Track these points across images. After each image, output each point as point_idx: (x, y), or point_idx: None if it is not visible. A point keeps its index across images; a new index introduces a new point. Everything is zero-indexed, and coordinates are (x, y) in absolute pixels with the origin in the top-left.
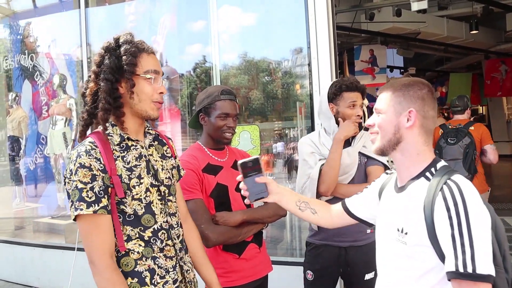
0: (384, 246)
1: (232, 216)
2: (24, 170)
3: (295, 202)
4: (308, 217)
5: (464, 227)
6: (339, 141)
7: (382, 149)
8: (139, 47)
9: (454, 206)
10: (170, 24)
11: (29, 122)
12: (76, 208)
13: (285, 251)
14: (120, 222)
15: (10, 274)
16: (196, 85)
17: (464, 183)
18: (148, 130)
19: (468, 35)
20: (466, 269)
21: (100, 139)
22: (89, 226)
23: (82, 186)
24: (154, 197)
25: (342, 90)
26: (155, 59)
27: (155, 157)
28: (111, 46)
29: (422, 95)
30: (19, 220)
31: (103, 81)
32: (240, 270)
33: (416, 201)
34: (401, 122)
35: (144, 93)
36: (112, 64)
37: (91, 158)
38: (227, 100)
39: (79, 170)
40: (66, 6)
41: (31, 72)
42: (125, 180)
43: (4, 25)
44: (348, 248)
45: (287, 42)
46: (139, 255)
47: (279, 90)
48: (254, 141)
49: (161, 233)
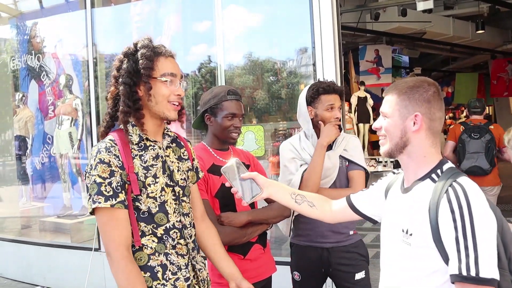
0: (388, 246)
1: (237, 216)
2: (30, 169)
3: (290, 194)
4: (306, 210)
5: (468, 230)
6: (323, 146)
7: (390, 152)
8: (155, 51)
9: (459, 209)
10: (175, 25)
11: (35, 122)
12: (94, 201)
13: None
14: (135, 218)
15: (16, 273)
16: (201, 85)
17: (469, 186)
18: (167, 132)
19: (474, 35)
20: (470, 272)
21: (120, 138)
22: (107, 219)
23: (101, 180)
24: (168, 197)
25: (319, 93)
26: (173, 62)
27: (172, 158)
28: (130, 51)
29: (428, 97)
30: (25, 219)
31: (122, 85)
32: (245, 271)
33: (421, 203)
34: (407, 126)
35: (160, 95)
36: (130, 68)
37: (110, 154)
38: (234, 100)
39: (99, 165)
40: (72, 6)
41: (37, 72)
42: (141, 178)
43: (11, 25)
44: (331, 249)
45: (292, 42)
46: (152, 251)
47: (284, 90)
48: (259, 142)
49: (173, 231)
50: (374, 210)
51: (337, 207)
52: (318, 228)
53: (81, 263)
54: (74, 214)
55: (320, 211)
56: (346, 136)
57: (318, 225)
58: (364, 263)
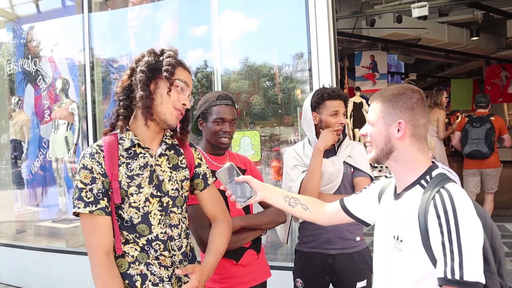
0: (381, 252)
1: None
2: (26, 173)
3: (284, 197)
4: (300, 213)
5: (453, 234)
6: (319, 151)
7: (376, 158)
8: (178, 60)
9: (444, 214)
10: (172, 30)
11: (31, 126)
12: (74, 205)
13: (285, 256)
14: (119, 225)
15: (11, 278)
16: (197, 90)
17: (456, 192)
18: (165, 140)
19: (469, 41)
20: (454, 275)
21: (109, 144)
22: (88, 225)
23: (82, 186)
24: (153, 208)
25: (324, 99)
26: (189, 75)
27: (164, 167)
28: (154, 52)
29: (412, 104)
30: (21, 224)
31: (140, 72)
32: (237, 276)
33: (411, 209)
34: (391, 133)
35: (169, 96)
36: (150, 62)
37: (93, 161)
38: (223, 105)
39: (81, 171)
40: (69, 11)
41: (34, 76)
42: (124, 187)
43: (7, 29)
44: (336, 255)
45: (288, 47)
46: (133, 259)
47: (280, 95)
48: (255, 147)
49: (155, 243)
50: (367, 213)
51: (331, 209)
52: (325, 234)
53: (77, 268)
54: (70, 218)
55: (314, 214)
56: (351, 143)
57: (325, 231)
58: (368, 271)
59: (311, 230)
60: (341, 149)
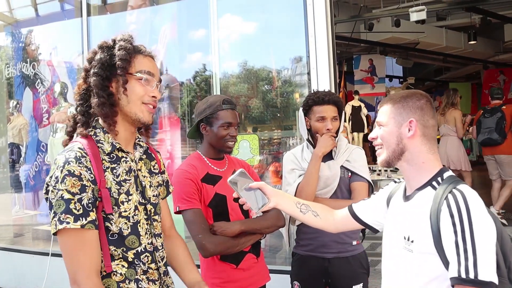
0: (390, 254)
1: (230, 226)
2: (24, 177)
3: (295, 204)
4: (310, 220)
5: (467, 233)
6: (317, 157)
7: (387, 160)
8: (135, 47)
9: (458, 213)
10: (171, 33)
11: (29, 130)
12: (61, 221)
13: (283, 260)
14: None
15: (8, 282)
16: (196, 93)
17: (469, 192)
18: (138, 142)
19: (467, 45)
20: (468, 275)
21: (90, 146)
22: (75, 242)
23: (70, 196)
24: (141, 217)
25: (310, 104)
26: (152, 62)
27: (144, 172)
28: (106, 45)
29: (421, 105)
30: (18, 227)
31: (94, 76)
32: (237, 280)
33: (422, 210)
34: (402, 132)
35: (134, 93)
36: (104, 59)
37: (81, 166)
38: (229, 109)
39: (67, 179)
40: (68, 14)
41: (32, 80)
42: (114, 195)
43: (6, 33)
44: (332, 259)
45: (286, 51)
46: (122, 277)
47: (279, 99)
48: (254, 150)
49: (144, 255)
50: (376, 219)
51: (339, 216)
52: (321, 237)
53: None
54: None
55: (324, 221)
56: (350, 147)
57: (321, 234)
58: (364, 275)
59: (308, 234)
60: (339, 153)
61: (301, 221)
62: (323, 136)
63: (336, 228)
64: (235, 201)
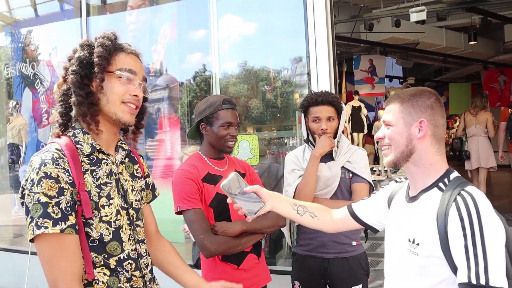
0: (393, 256)
1: (232, 226)
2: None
3: (292, 206)
4: (308, 221)
5: (478, 238)
6: (315, 158)
7: (395, 161)
8: (117, 45)
9: (468, 217)
10: (171, 33)
11: (29, 130)
12: (38, 226)
13: (283, 260)
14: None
15: (8, 282)
16: (196, 93)
17: (478, 195)
18: (121, 145)
19: (467, 45)
20: (479, 280)
21: (68, 147)
22: (54, 248)
23: (47, 200)
24: (124, 222)
25: (305, 106)
26: (135, 60)
27: (125, 176)
28: (87, 42)
29: (431, 104)
30: (18, 228)
31: (72, 74)
32: (239, 281)
33: (428, 212)
34: (412, 133)
35: (113, 92)
36: (83, 57)
37: (58, 168)
38: (229, 109)
39: (44, 181)
40: (68, 14)
41: (31, 80)
42: (94, 198)
43: (5, 33)
44: (332, 260)
45: (286, 51)
46: (104, 286)
47: (279, 99)
48: (253, 150)
49: (127, 263)
50: (376, 219)
51: (338, 216)
52: (320, 238)
53: None
54: None
55: (322, 222)
56: (352, 148)
57: (320, 234)
58: (364, 276)
59: (307, 233)
60: (340, 154)
61: (299, 223)
62: (321, 137)
63: (334, 229)
64: None
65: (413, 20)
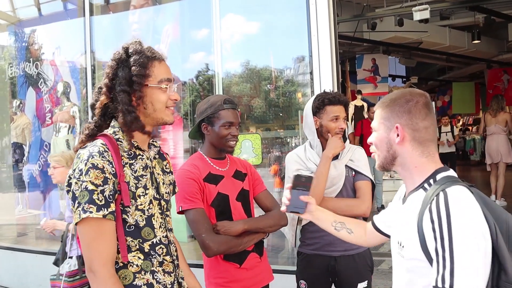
0: (393, 259)
1: (234, 225)
2: (27, 176)
3: (331, 222)
4: (344, 236)
5: (446, 240)
6: (328, 158)
7: (382, 166)
8: (149, 56)
9: (438, 219)
10: (173, 33)
11: (32, 129)
12: (84, 210)
13: (286, 260)
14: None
15: (11, 281)
16: (198, 93)
17: (454, 195)
18: (152, 142)
19: (470, 44)
20: (444, 284)
21: (111, 143)
22: (95, 232)
23: (93, 187)
24: (155, 210)
25: (325, 104)
26: (166, 66)
27: (158, 170)
28: (123, 58)
29: (409, 108)
30: (22, 227)
31: (121, 93)
32: (241, 280)
33: (412, 213)
34: (391, 138)
35: (159, 102)
36: (126, 75)
37: (104, 160)
38: (230, 109)
39: (91, 171)
40: (71, 14)
41: (35, 79)
42: (132, 188)
43: (9, 32)
44: (339, 257)
45: (289, 51)
46: (138, 268)
47: (281, 98)
48: (256, 150)
49: (159, 247)
50: None
51: (368, 230)
52: (327, 236)
53: None
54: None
55: (358, 237)
56: (352, 147)
57: (327, 233)
58: (369, 272)
59: (314, 232)
60: (343, 153)
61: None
62: (333, 138)
63: (368, 243)
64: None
65: (416, 19)
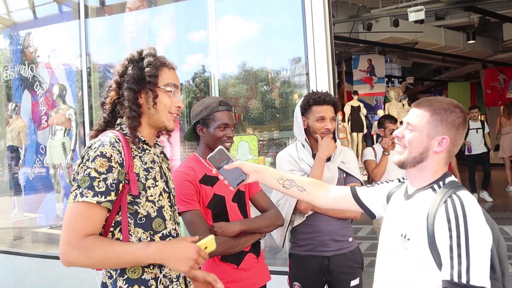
0: (386, 249)
1: (230, 226)
2: (23, 180)
3: (277, 179)
4: (295, 194)
5: (462, 239)
6: (322, 160)
7: (404, 163)
8: (161, 61)
9: (455, 219)
10: (170, 35)
11: (28, 132)
12: (82, 194)
13: (283, 261)
14: (132, 223)
15: (8, 285)
16: (195, 94)
17: (467, 199)
18: (156, 142)
19: (466, 44)
20: (461, 279)
21: (123, 135)
22: (80, 213)
23: (96, 175)
24: (165, 203)
25: (310, 104)
26: (175, 74)
27: (165, 166)
28: (135, 58)
29: (459, 124)
30: (18, 230)
31: (127, 90)
32: (239, 280)
33: (420, 210)
34: (431, 145)
35: (162, 104)
36: (135, 74)
37: (114, 149)
38: (225, 111)
39: (98, 159)
40: (66, 16)
41: (30, 82)
42: (142, 180)
43: (4, 35)
44: (332, 257)
45: (285, 52)
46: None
47: (278, 99)
48: (253, 151)
49: (169, 239)
50: (375, 206)
51: (336, 194)
52: (319, 237)
53: (74, 275)
54: None
55: (311, 196)
56: (343, 149)
57: (319, 234)
58: (359, 270)
59: (306, 234)
60: (335, 155)
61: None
62: (325, 139)
63: (327, 204)
64: (233, 201)
65: (411, 20)
